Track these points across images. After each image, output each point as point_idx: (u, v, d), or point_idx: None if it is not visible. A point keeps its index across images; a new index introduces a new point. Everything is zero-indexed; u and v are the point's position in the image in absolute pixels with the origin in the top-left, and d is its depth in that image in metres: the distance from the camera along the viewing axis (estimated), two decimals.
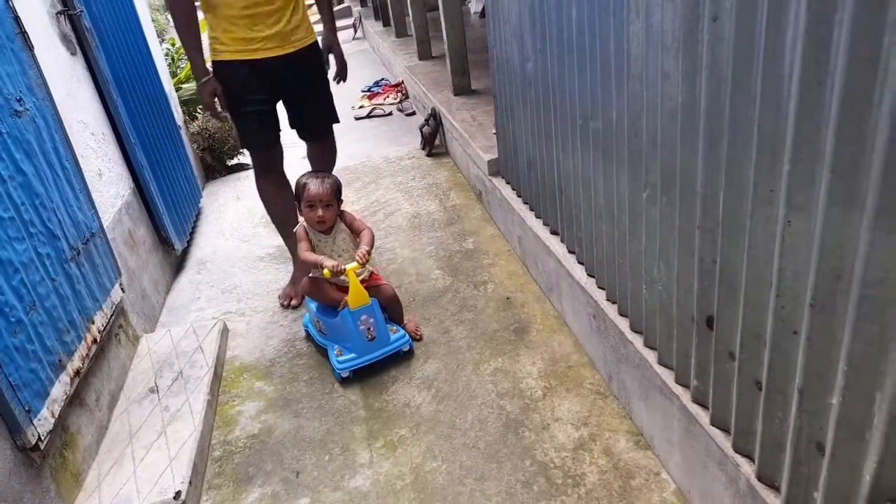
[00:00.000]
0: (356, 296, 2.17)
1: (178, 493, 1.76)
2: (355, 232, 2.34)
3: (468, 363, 2.28)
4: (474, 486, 1.79)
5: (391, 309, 2.38)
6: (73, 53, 2.57)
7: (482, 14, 7.26)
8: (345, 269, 2.15)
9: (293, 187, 2.40)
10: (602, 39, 1.66)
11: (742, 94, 1.14)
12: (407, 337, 2.31)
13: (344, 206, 2.40)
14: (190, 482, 1.81)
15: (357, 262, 2.17)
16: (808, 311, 1.06)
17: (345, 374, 2.23)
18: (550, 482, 1.76)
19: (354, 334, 2.19)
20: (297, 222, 2.39)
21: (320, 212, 2.24)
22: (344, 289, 2.25)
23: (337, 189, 2.30)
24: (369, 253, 2.21)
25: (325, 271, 2.15)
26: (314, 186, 2.24)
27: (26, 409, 1.60)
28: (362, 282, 2.27)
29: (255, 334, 2.61)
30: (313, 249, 2.30)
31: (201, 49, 2.41)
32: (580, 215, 2.08)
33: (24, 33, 2.04)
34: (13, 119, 1.85)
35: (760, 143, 1.11)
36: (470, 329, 2.46)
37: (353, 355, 2.21)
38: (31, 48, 2.07)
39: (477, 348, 2.35)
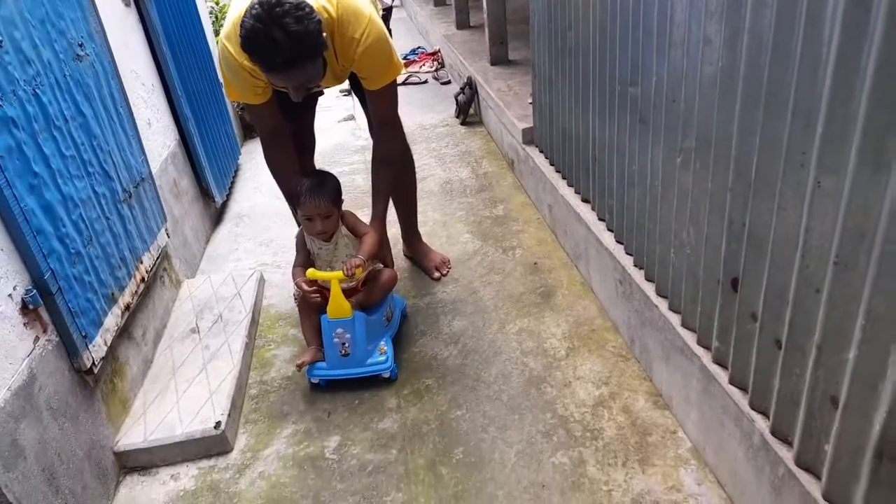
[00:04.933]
0: (335, 307, 2.00)
1: (217, 423, 1.88)
2: (358, 236, 2.13)
3: (494, 322, 2.35)
4: (496, 433, 1.88)
5: (379, 293, 2.18)
6: (128, 5, 2.65)
7: None
8: (314, 292, 2.01)
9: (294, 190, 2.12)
10: (646, 6, 1.69)
11: (781, 58, 1.18)
12: (390, 363, 2.08)
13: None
14: (229, 415, 1.93)
15: (343, 272, 1.98)
16: (832, 269, 1.11)
17: (314, 381, 2.10)
18: (570, 434, 1.84)
19: (328, 345, 2.04)
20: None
21: (319, 226, 2.02)
22: (350, 292, 2.10)
23: (336, 195, 2.06)
24: (362, 266, 2.00)
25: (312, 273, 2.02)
26: (310, 199, 1.99)
27: (83, 334, 1.72)
28: (356, 285, 2.12)
29: (290, 285, 2.70)
30: (309, 262, 2.13)
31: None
32: (612, 182, 2.13)
33: None
34: (75, 63, 1.95)
35: (796, 107, 1.15)
36: (497, 291, 2.53)
37: (325, 364, 2.08)
38: None
39: (503, 309, 2.42)
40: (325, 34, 1.69)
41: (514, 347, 2.21)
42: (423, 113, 4.65)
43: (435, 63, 5.68)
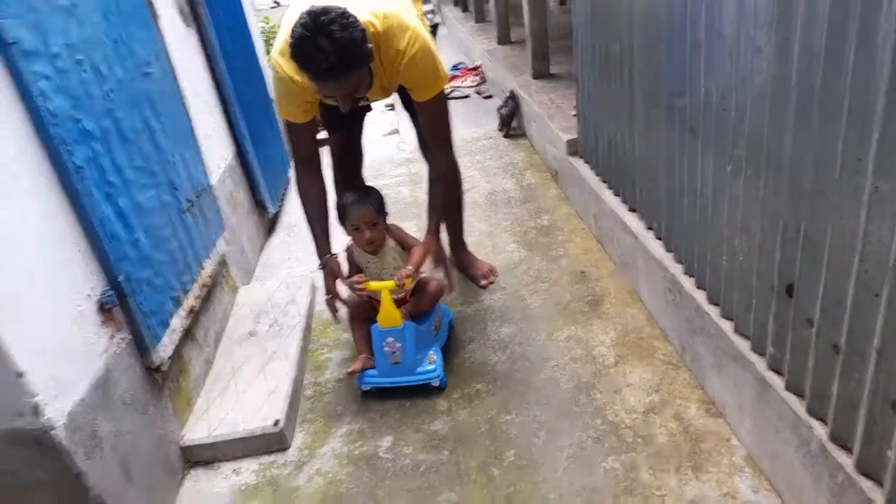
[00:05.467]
0: (386, 316, 2.04)
1: (276, 422, 1.95)
2: (406, 248, 2.16)
3: (542, 329, 2.38)
4: (547, 438, 1.90)
5: (427, 302, 2.22)
6: (189, 26, 2.79)
7: (562, 1, 7.25)
8: (364, 289, 2.03)
9: (335, 207, 2.19)
10: (693, 20, 1.71)
11: (834, 67, 1.20)
12: (439, 372, 2.11)
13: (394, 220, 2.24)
14: (287, 414, 2.00)
15: (394, 282, 2.01)
16: (891, 273, 1.12)
17: (365, 388, 2.15)
18: (621, 440, 1.85)
19: (379, 354, 2.08)
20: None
21: (367, 234, 2.06)
22: (399, 303, 2.12)
23: (380, 205, 2.10)
24: (412, 276, 2.03)
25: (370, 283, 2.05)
26: (356, 208, 2.05)
27: (153, 334, 1.81)
28: (404, 296, 2.16)
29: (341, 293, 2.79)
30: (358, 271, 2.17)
31: (326, 230, 2.17)
32: (660, 192, 2.14)
33: (150, 4, 2.25)
34: (144, 80, 2.07)
35: (850, 113, 1.17)
36: (544, 299, 2.56)
37: (376, 372, 2.12)
38: (156, 17, 2.29)
39: (551, 316, 2.44)
40: (370, 45, 1.77)
41: (563, 354, 2.23)
42: (466, 126, 4.72)
43: (477, 78, 5.76)
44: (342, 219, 2.12)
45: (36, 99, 1.47)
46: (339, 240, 2.21)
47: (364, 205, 2.07)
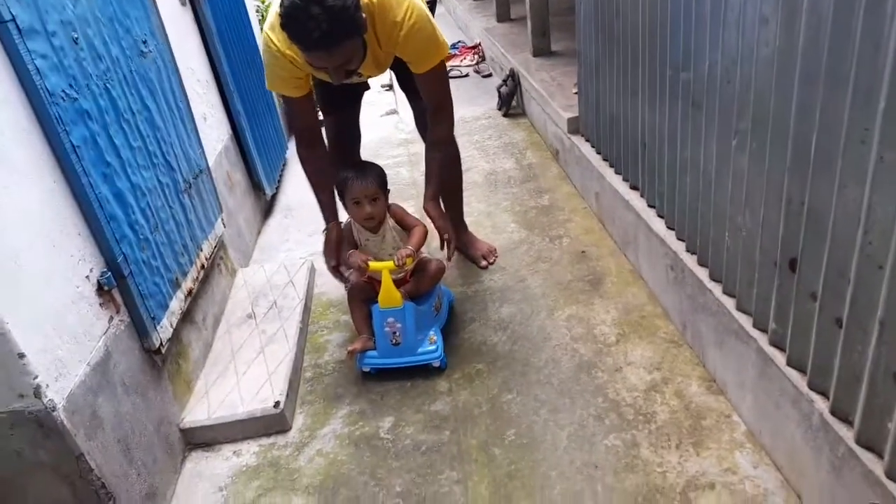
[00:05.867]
0: (386, 296, 2.03)
1: (277, 403, 1.95)
2: (406, 228, 2.15)
3: (542, 309, 2.37)
4: (548, 416, 1.90)
5: (427, 283, 2.21)
6: (184, 4, 2.76)
7: None
8: (366, 268, 2.02)
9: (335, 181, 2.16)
10: None
11: (841, 35, 1.17)
12: (440, 353, 2.10)
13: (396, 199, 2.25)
14: (287, 395, 1.99)
15: (394, 262, 2.00)
16: (895, 244, 1.11)
17: (365, 369, 2.14)
18: (622, 417, 1.85)
19: (379, 334, 2.07)
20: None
21: (368, 208, 2.04)
22: (399, 283, 2.11)
23: (381, 179, 2.09)
24: (412, 256, 2.03)
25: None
26: (356, 182, 2.04)
27: (152, 316, 1.80)
28: (404, 276, 2.16)
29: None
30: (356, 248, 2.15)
31: (332, 198, 2.19)
32: (663, 168, 2.12)
33: None
34: (140, 59, 2.04)
35: (857, 83, 1.15)
36: (545, 278, 2.55)
37: (376, 353, 2.11)
38: None
39: (551, 296, 2.44)
40: (363, 15, 1.72)
41: (564, 333, 2.22)
42: (465, 106, 4.68)
43: (476, 56, 5.70)
44: (342, 193, 2.10)
45: (33, 77, 1.44)
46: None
47: (366, 178, 2.05)
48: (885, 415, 1.21)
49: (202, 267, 2.24)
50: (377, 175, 2.08)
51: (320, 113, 2.46)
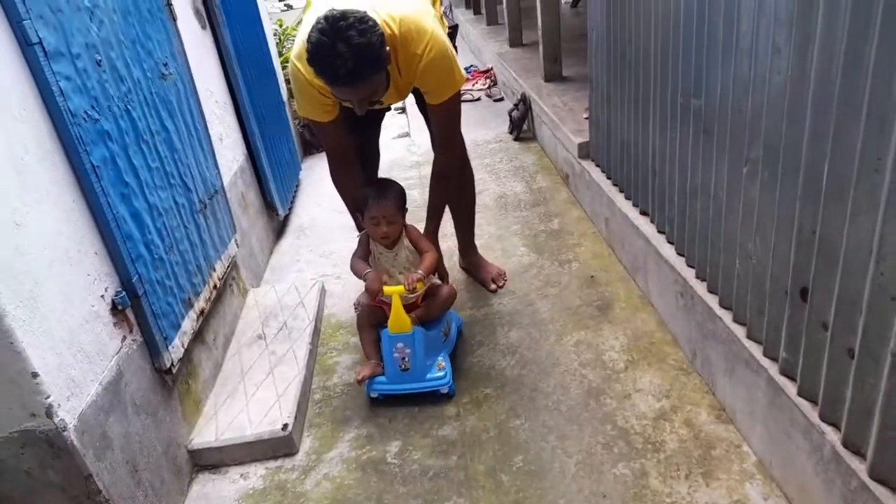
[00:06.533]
0: (396, 321, 2.02)
1: (285, 426, 1.95)
2: (419, 251, 2.16)
3: (551, 334, 2.37)
4: (556, 443, 1.89)
5: (438, 308, 2.21)
6: (204, 27, 2.81)
7: (574, 4, 7.25)
8: (382, 292, 2.02)
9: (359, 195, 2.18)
10: (711, 19, 1.70)
11: (854, 65, 1.18)
12: (448, 378, 2.09)
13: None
14: (295, 418, 1.99)
15: (404, 286, 2.01)
16: None
17: (374, 395, 2.12)
18: (631, 446, 1.83)
19: (388, 360, 2.06)
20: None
21: (384, 228, 2.07)
22: (409, 308, 2.10)
23: (401, 201, 2.13)
24: (422, 280, 2.04)
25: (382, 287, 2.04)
26: (377, 202, 2.07)
27: (164, 336, 1.81)
28: (415, 301, 2.15)
29: (350, 296, 2.78)
30: (368, 257, 2.18)
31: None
32: (673, 194, 2.13)
33: (170, 5, 2.27)
34: (160, 81, 2.08)
35: (870, 113, 1.15)
36: (553, 303, 2.55)
37: (385, 379, 2.10)
38: (174, 19, 2.30)
39: (560, 321, 2.43)
40: (387, 48, 1.76)
41: (572, 359, 2.22)
42: (476, 129, 4.72)
43: (487, 81, 5.75)
44: (362, 211, 2.13)
45: (56, 99, 1.48)
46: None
47: (386, 199, 2.08)
48: None
49: (215, 287, 2.26)
50: (397, 195, 2.12)
51: None
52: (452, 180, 2.34)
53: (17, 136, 1.38)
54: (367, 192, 2.11)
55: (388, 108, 2.49)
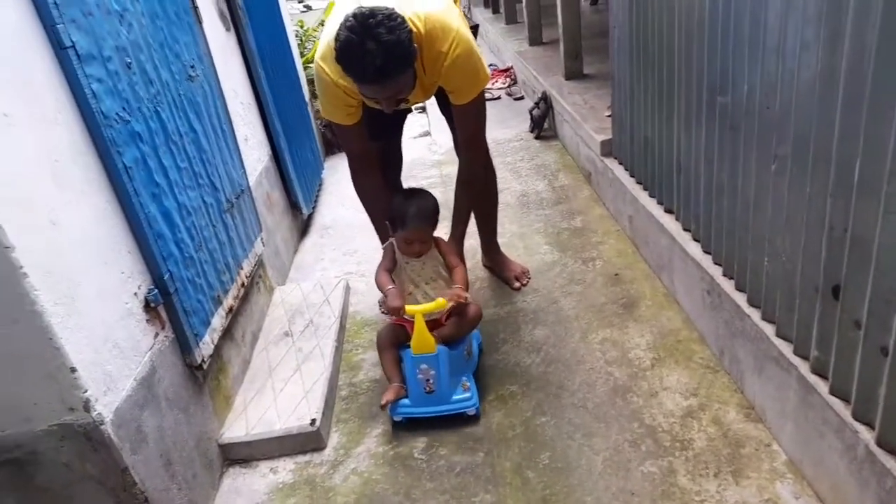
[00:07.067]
0: (420, 341, 1.95)
1: (313, 421, 1.97)
2: (447, 265, 2.13)
3: (576, 331, 2.36)
4: (582, 440, 1.89)
5: (466, 327, 2.12)
6: (228, 29, 2.85)
7: (594, 2, 7.21)
8: (403, 311, 1.95)
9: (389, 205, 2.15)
10: (737, 15, 1.69)
11: (886, 60, 1.17)
12: (475, 399, 2.01)
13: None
14: (323, 413, 2.02)
15: (446, 299, 1.97)
16: None
17: (397, 419, 2.04)
18: (658, 444, 1.83)
19: (412, 381, 1.99)
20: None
21: (417, 247, 2.07)
22: (431, 326, 2.01)
23: (436, 220, 2.12)
24: (464, 297, 2.00)
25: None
26: (416, 224, 2.03)
27: (195, 332, 1.85)
28: (438, 319, 2.08)
29: (374, 293, 2.78)
30: (394, 269, 2.13)
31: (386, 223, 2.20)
32: (699, 192, 2.12)
33: (196, 8, 2.30)
34: (188, 83, 2.11)
35: None
36: (578, 301, 2.54)
37: (409, 402, 2.02)
38: (200, 22, 2.34)
39: (585, 319, 2.43)
40: (415, 45, 1.76)
41: (598, 357, 2.21)
42: (497, 128, 4.72)
43: (508, 79, 5.75)
44: (394, 222, 2.09)
45: (89, 101, 1.51)
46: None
47: (424, 222, 2.06)
48: None
49: (242, 285, 2.29)
50: (434, 215, 2.10)
51: None
52: (478, 186, 2.34)
53: (52, 138, 1.41)
54: (402, 206, 2.05)
55: (411, 110, 2.49)
